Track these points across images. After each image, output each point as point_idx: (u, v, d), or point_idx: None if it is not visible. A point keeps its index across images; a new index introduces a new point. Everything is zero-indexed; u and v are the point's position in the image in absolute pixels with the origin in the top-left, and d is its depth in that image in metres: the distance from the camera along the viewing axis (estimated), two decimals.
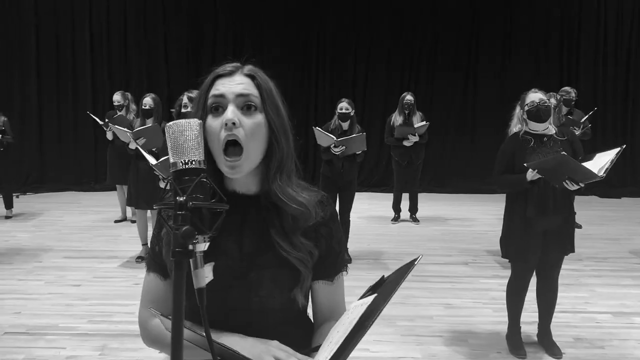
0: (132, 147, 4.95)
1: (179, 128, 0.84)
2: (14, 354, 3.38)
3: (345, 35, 9.42)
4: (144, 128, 4.85)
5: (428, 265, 5.28)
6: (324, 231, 1.20)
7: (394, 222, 7.12)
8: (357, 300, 1.07)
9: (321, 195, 1.22)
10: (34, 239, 6.02)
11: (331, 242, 1.21)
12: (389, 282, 1.04)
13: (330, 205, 1.23)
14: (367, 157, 9.52)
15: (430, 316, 4.06)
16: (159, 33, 9.29)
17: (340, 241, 1.24)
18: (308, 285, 1.18)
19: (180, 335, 0.76)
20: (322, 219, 1.19)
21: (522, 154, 3.17)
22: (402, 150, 6.73)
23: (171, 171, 0.84)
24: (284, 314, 1.17)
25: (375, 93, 9.51)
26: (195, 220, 0.79)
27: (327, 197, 1.24)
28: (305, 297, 1.18)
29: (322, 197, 1.23)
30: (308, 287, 1.18)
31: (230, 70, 1.13)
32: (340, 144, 4.95)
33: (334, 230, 1.22)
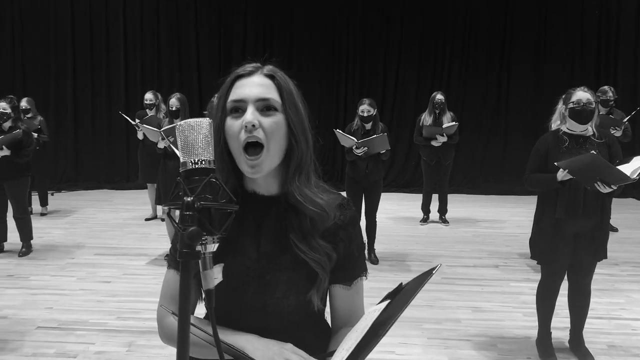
0: (161, 146, 5.02)
1: (189, 127, 0.83)
2: (45, 348, 3.46)
3: (376, 33, 9.34)
4: (172, 126, 4.92)
5: (456, 267, 5.20)
6: (343, 235, 1.18)
7: (423, 224, 7.03)
8: (374, 306, 1.05)
9: (342, 198, 1.21)
10: (67, 236, 6.15)
11: (350, 246, 1.19)
12: (406, 290, 1.01)
13: (350, 208, 1.21)
14: (397, 157, 9.49)
15: (458, 319, 3.99)
16: (191, 34, 9.40)
17: (360, 246, 1.22)
18: (325, 288, 1.16)
19: (187, 335, 0.75)
20: (342, 222, 1.17)
21: (555, 153, 3.08)
22: (431, 150, 6.64)
23: (181, 171, 0.83)
24: (299, 316, 1.16)
25: (407, 92, 9.41)
26: (203, 220, 0.78)
27: (348, 200, 1.22)
28: (322, 300, 1.16)
29: (343, 200, 1.21)
30: (325, 290, 1.16)
31: (250, 70, 1.12)
32: (361, 145, 4.89)
33: (353, 235, 1.20)
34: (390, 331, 3.35)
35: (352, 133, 5.09)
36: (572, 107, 3.04)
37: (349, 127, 5.18)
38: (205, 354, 1.12)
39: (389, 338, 3.63)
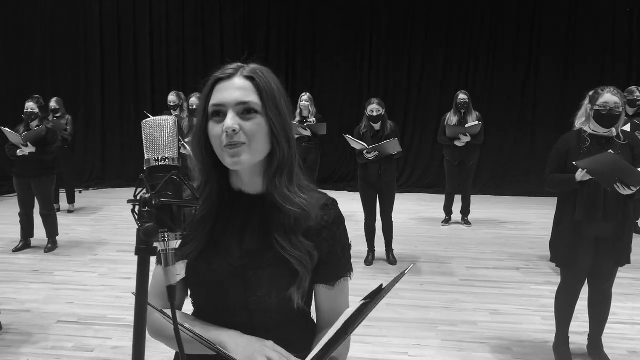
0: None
1: (154, 125, 0.85)
2: (64, 342, 3.54)
3: (400, 31, 9.27)
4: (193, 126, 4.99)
5: (476, 269, 5.14)
6: (327, 235, 1.17)
7: (445, 225, 6.96)
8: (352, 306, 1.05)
9: (327, 199, 1.21)
10: (92, 233, 6.29)
11: (334, 246, 1.19)
12: (384, 290, 1.01)
13: (335, 209, 1.21)
14: (421, 157, 9.41)
15: (474, 322, 3.94)
16: (215, 34, 9.50)
17: (344, 247, 1.22)
18: (306, 286, 1.16)
19: (143, 329, 0.76)
20: (326, 222, 1.17)
21: (576, 153, 3.01)
22: (454, 150, 6.57)
23: (145, 168, 0.85)
24: (283, 315, 1.16)
25: (431, 91, 9.31)
26: (163, 217, 0.79)
27: (333, 201, 1.22)
28: (302, 298, 1.16)
29: (328, 200, 1.21)
30: (306, 288, 1.16)
31: (230, 73, 1.12)
32: (372, 150, 4.87)
33: (337, 235, 1.19)
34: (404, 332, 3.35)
35: (362, 136, 5.05)
36: (598, 109, 2.96)
37: (358, 130, 5.13)
38: (192, 348, 1.14)
39: (402, 339, 3.62)
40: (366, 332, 3.74)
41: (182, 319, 1.19)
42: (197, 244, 1.17)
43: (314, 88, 9.18)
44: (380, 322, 3.90)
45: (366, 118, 5.03)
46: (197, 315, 1.23)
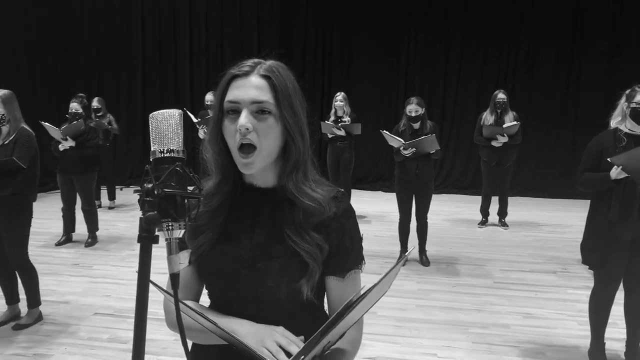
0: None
1: (161, 118, 0.87)
2: (100, 333, 3.66)
3: (437, 28, 9.16)
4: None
5: (511, 272, 5.04)
6: (336, 226, 1.18)
7: (481, 226, 6.85)
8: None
9: (336, 191, 1.22)
10: (130, 229, 6.46)
11: (343, 238, 1.19)
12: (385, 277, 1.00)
13: (344, 201, 1.22)
14: (458, 158, 9.28)
15: (507, 325, 3.87)
16: (253, 33, 9.61)
17: (354, 239, 1.22)
18: (316, 278, 1.17)
19: (144, 316, 0.78)
20: (335, 214, 1.18)
21: (611, 153, 2.92)
22: (490, 150, 6.46)
23: (151, 159, 0.87)
24: (293, 306, 1.18)
25: (469, 90, 9.16)
26: (166, 207, 0.81)
27: (343, 194, 1.24)
28: (312, 290, 1.17)
29: (337, 192, 1.22)
30: (315, 280, 1.17)
31: (246, 70, 1.13)
32: (409, 146, 4.81)
33: (346, 227, 1.20)
34: (434, 333, 3.34)
35: (400, 134, 5.01)
36: (635, 107, 2.87)
37: (396, 128, 5.09)
38: (207, 339, 1.16)
39: (432, 340, 3.59)
40: (395, 332, 3.72)
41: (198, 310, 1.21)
42: (210, 235, 1.20)
43: (349, 88, 9.18)
44: (410, 323, 3.87)
45: (405, 117, 4.99)
46: (212, 307, 1.26)
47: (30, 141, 3.59)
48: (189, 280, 1.26)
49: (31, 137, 3.63)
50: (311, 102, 6.72)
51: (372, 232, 6.47)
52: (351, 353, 1.23)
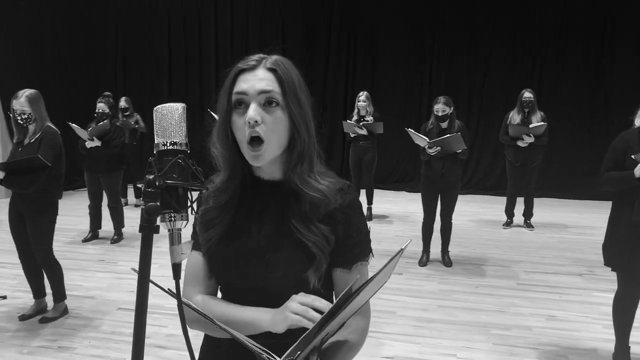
0: None
1: (164, 112, 0.89)
2: (122, 328, 3.73)
3: (463, 27, 9.04)
4: None
5: (535, 274, 4.96)
6: (341, 217, 1.19)
7: (506, 227, 6.76)
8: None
9: (342, 183, 1.23)
10: None
11: (349, 229, 1.20)
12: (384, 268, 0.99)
13: (350, 193, 1.22)
14: (483, 158, 9.17)
15: (529, 327, 3.81)
16: (277, 32, 9.67)
17: (360, 231, 1.22)
18: (323, 269, 1.17)
19: (145, 302, 0.80)
20: (340, 205, 1.19)
21: (635, 151, 2.86)
22: (516, 150, 6.36)
23: (154, 152, 0.89)
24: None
25: (495, 89, 9.03)
26: (169, 198, 0.83)
27: (349, 185, 1.24)
28: (319, 281, 1.17)
29: (344, 185, 1.23)
30: (323, 271, 1.18)
31: (253, 64, 1.15)
32: (434, 144, 4.77)
33: (352, 218, 1.20)
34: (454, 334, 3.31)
35: (427, 132, 4.97)
36: None
37: (424, 127, 5.05)
38: (221, 333, 1.18)
39: (452, 341, 3.56)
40: (415, 332, 3.70)
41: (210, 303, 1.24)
42: (219, 229, 1.22)
43: (373, 87, 9.16)
44: (430, 323, 3.85)
45: (433, 116, 4.96)
46: (224, 299, 1.28)
47: (55, 139, 3.68)
48: (202, 274, 1.28)
49: (56, 135, 3.71)
50: (334, 101, 6.77)
51: (394, 231, 6.44)
52: (357, 342, 1.22)
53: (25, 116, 3.62)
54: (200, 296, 1.27)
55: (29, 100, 3.63)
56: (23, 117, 3.62)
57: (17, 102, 3.62)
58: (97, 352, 3.39)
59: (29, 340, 3.55)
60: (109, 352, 3.38)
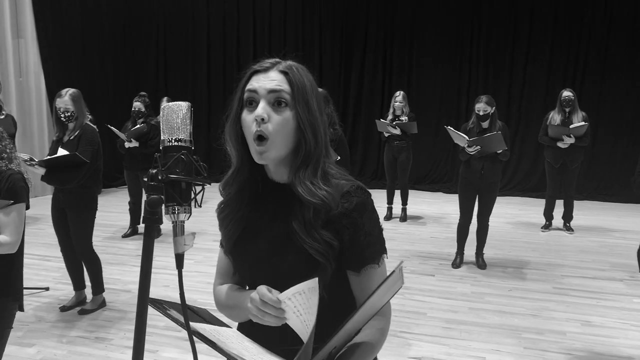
0: None
1: (171, 109, 0.93)
2: (156, 321, 3.83)
3: (502, 25, 8.86)
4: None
5: (572, 278, 4.84)
6: (347, 222, 1.17)
7: (544, 230, 6.61)
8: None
9: (350, 186, 1.20)
10: (194, 223, 6.70)
11: (356, 233, 1.18)
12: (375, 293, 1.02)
13: (358, 196, 1.19)
14: (523, 159, 8.98)
15: (563, 332, 3.73)
16: (315, 35, 9.73)
17: (369, 234, 1.20)
18: (328, 275, 1.17)
19: (146, 295, 0.84)
20: (346, 209, 1.17)
21: None
22: (556, 151, 6.20)
23: (160, 147, 0.93)
24: None
25: (535, 89, 8.82)
26: (172, 192, 0.87)
27: (357, 188, 1.21)
28: (325, 288, 1.15)
29: (351, 187, 1.20)
30: (328, 277, 1.17)
31: (267, 66, 1.19)
32: (474, 143, 4.70)
33: (359, 222, 1.18)
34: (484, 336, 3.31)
35: (467, 132, 4.90)
36: None
37: (465, 126, 4.99)
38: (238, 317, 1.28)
39: (482, 343, 3.51)
40: (444, 333, 3.68)
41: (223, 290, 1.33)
42: (235, 228, 1.26)
43: (410, 87, 9.10)
44: (460, 325, 3.81)
45: (474, 115, 4.89)
46: None
47: (93, 137, 3.82)
48: (227, 269, 1.37)
49: (94, 133, 3.85)
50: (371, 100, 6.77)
51: (429, 233, 6.39)
52: (377, 342, 1.21)
53: (69, 114, 3.77)
54: (222, 285, 1.37)
55: (72, 99, 3.79)
56: (66, 114, 3.77)
57: (60, 101, 3.78)
58: (132, 343, 3.48)
59: (68, 330, 3.70)
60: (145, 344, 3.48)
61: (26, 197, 2.27)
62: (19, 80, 8.21)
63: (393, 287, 1.04)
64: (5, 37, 7.94)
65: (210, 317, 1.31)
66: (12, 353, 3.38)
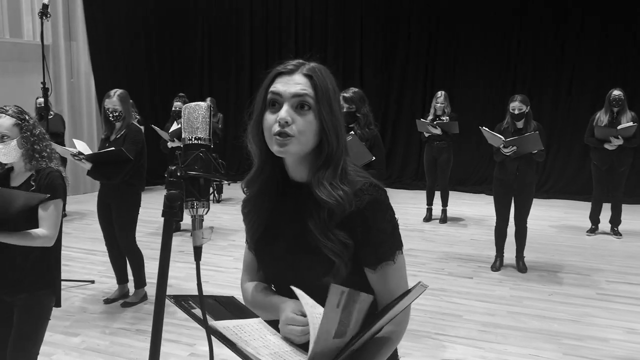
0: None
1: (191, 109, 0.98)
2: None
3: (549, 23, 8.65)
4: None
5: (618, 284, 4.69)
6: (358, 220, 1.18)
7: (590, 234, 6.41)
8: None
9: (363, 183, 1.21)
10: (233, 221, 6.83)
11: (368, 231, 1.19)
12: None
13: (370, 194, 1.19)
14: (570, 161, 8.71)
15: (606, 339, 3.62)
16: (356, 36, 9.72)
17: (382, 230, 1.20)
18: (344, 274, 1.19)
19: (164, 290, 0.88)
20: (357, 208, 1.18)
21: None
22: (603, 153, 6.01)
23: (181, 145, 0.98)
24: (321, 299, 1.22)
25: (583, 88, 8.54)
26: (191, 188, 0.91)
27: (370, 185, 1.21)
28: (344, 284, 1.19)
29: (364, 185, 1.21)
30: (344, 275, 1.19)
31: (290, 68, 1.20)
32: (510, 144, 4.61)
33: (371, 220, 1.19)
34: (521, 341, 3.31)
35: (502, 132, 4.82)
36: None
37: (499, 126, 4.90)
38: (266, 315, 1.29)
39: (519, 348, 3.46)
40: (480, 336, 3.63)
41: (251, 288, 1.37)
42: (257, 225, 1.30)
43: (453, 87, 8.98)
44: (497, 329, 3.75)
45: (509, 115, 4.81)
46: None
47: (138, 135, 3.96)
48: (252, 266, 1.41)
49: (139, 132, 4.00)
50: (412, 100, 6.70)
51: (469, 235, 6.31)
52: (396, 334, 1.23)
53: (117, 114, 3.93)
54: (249, 283, 1.41)
55: (120, 99, 3.94)
56: (114, 114, 3.93)
57: (109, 101, 3.94)
58: (171, 336, 3.60)
59: (110, 322, 3.85)
60: (181, 338, 3.59)
61: (63, 194, 2.37)
62: (71, 81, 8.56)
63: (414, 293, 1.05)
64: (59, 40, 8.29)
65: (237, 308, 1.34)
66: (59, 342, 3.54)
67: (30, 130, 2.36)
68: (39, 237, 2.28)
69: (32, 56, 7.43)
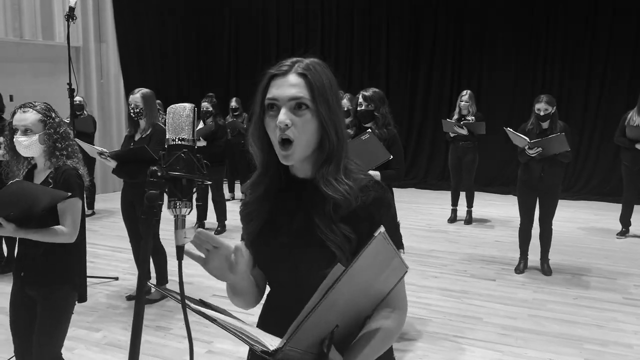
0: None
1: (176, 111, 0.99)
2: None
3: (580, 20, 8.45)
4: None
5: None
6: (363, 214, 1.21)
7: (620, 237, 6.24)
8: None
9: (367, 181, 1.24)
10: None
11: (372, 227, 1.18)
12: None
13: (375, 190, 1.23)
14: (600, 161, 8.49)
15: (630, 345, 3.52)
16: (382, 35, 9.68)
17: (386, 227, 1.18)
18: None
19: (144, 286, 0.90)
20: (363, 203, 1.21)
21: None
22: (634, 153, 5.85)
23: (165, 146, 0.99)
24: None
25: (616, 90, 8.31)
26: (173, 188, 0.93)
27: (375, 182, 1.25)
28: None
29: (369, 182, 1.24)
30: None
31: (284, 69, 1.21)
32: (535, 145, 4.52)
33: (376, 216, 1.21)
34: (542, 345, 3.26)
35: (527, 133, 4.73)
36: None
37: (523, 127, 4.81)
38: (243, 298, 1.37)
39: (539, 352, 3.40)
40: (499, 339, 3.58)
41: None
42: (256, 223, 1.31)
43: (480, 87, 8.87)
44: (517, 332, 3.69)
45: (534, 115, 4.72)
46: (271, 292, 1.39)
47: (163, 136, 4.01)
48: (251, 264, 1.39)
49: (165, 132, 4.05)
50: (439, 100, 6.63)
51: (493, 236, 6.21)
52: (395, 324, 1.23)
53: (138, 110, 4.01)
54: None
55: (143, 97, 4.03)
56: (136, 110, 4.02)
57: (132, 98, 4.05)
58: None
59: (132, 318, 3.91)
60: (199, 335, 3.63)
61: (79, 191, 2.40)
62: (100, 82, 8.75)
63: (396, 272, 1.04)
64: (89, 42, 8.48)
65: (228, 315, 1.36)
66: (82, 336, 3.63)
67: (55, 128, 2.41)
68: (62, 234, 2.34)
69: (63, 58, 7.61)
